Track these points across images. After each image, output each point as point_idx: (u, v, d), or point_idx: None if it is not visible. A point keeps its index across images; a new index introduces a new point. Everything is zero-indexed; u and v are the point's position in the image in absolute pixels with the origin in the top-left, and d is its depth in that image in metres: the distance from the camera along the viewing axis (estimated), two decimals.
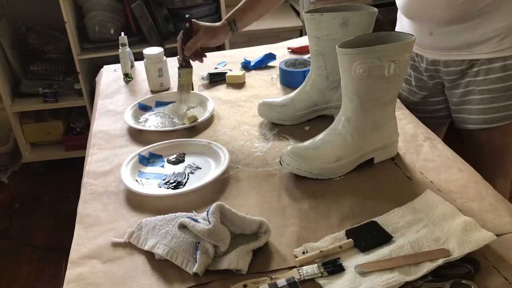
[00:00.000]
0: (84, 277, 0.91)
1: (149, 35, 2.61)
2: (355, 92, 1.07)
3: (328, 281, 0.85)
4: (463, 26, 1.25)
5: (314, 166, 1.10)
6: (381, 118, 1.12)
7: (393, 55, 1.02)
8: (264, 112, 1.36)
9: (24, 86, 2.76)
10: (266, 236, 0.94)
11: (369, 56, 1.01)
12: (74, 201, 1.15)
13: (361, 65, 1.02)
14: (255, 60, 1.72)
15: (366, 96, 1.07)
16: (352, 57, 1.02)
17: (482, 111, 1.32)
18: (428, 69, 1.39)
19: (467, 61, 1.29)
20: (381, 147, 1.15)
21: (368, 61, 1.02)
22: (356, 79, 1.04)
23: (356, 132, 1.11)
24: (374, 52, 1.01)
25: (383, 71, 1.03)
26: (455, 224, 0.92)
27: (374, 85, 1.06)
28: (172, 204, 1.08)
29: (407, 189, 1.07)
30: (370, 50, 1.01)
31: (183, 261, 0.90)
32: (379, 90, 1.07)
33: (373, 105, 1.09)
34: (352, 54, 1.02)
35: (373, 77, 1.04)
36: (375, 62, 1.02)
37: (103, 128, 1.42)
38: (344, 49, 1.04)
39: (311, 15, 1.23)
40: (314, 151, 1.11)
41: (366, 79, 1.04)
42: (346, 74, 1.06)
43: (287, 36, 2.64)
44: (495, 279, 0.83)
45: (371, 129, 1.12)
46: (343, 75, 1.07)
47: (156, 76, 1.59)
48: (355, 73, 1.03)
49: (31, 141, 2.88)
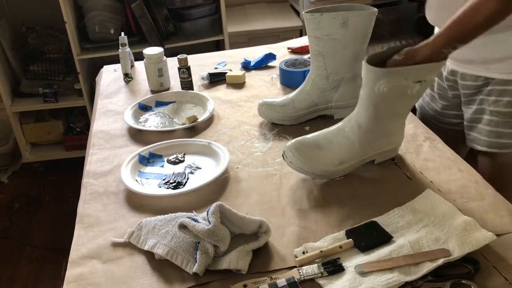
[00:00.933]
0: (84, 277, 0.91)
1: (149, 35, 2.61)
2: (373, 103, 1.05)
3: (328, 281, 0.85)
4: (482, 40, 1.16)
5: (317, 167, 1.09)
6: (393, 127, 1.11)
7: (421, 76, 0.99)
8: (264, 112, 1.36)
9: (24, 86, 2.76)
10: (266, 236, 0.94)
11: (395, 77, 0.99)
12: (74, 201, 1.15)
13: (386, 84, 0.99)
14: (255, 60, 1.72)
15: (383, 108, 1.05)
16: (379, 76, 1.00)
17: (488, 133, 1.25)
18: (448, 78, 1.34)
19: (482, 77, 1.23)
20: (385, 151, 1.15)
21: (394, 81, 0.99)
22: (378, 94, 1.02)
23: (365, 139, 1.09)
24: (402, 73, 0.99)
25: (407, 90, 1.00)
26: (455, 224, 0.92)
27: (393, 101, 1.04)
28: (172, 204, 1.08)
29: (407, 189, 1.07)
30: (397, 72, 0.98)
31: (183, 261, 0.90)
32: (398, 105, 1.06)
33: (388, 116, 1.07)
34: (379, 73, 0.99)
35: (395, 94, 1.02)
36: (400, 81, 0.99)
37: (103, 128, 1.42)
38: (371, 67, 1.00)
39: (311, 15, 1.23)
40: (318, 151, 1.10)
41: (388, 94, 1.01)
42: (368, 88, 1.03)
43: (287, 36, 2.64)
44: (495, 279, 0.83)
45: (380, 137, 1.11)
46: (365, 87, 1.04)
47: (156, 76, 1.59)
48: (378, 89, 1.01)
49: (31, 141, 2.88)
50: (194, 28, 2.65)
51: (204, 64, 1.77)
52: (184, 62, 1.56)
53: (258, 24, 2.83)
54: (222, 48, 2.74)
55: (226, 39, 2.69)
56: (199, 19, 2.65)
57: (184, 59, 1.56)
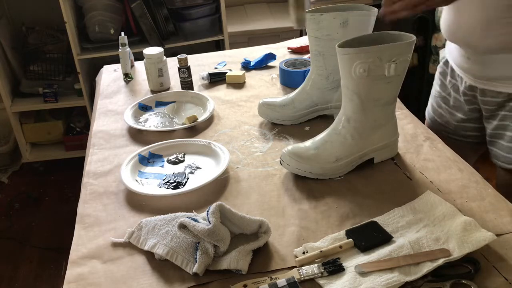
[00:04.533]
0: (84, 277, 0.91)
1: (149, 35, 2.61)
2: (355, 92, 1.07)
3: (328, 281, 0.85)
4: (501, 57, 1.16)
5: (314, 166, 1.10)
6: (381, 117, 1.12)
7: (394, 55, 1.02)
8: (264, 112, 1.36)
9: (24, 86, 2.76)
10: (266, 236, 0.94)
11: (369, 56, 1.01)
12: (74, 201, 1.15)
13: (361, 65, 1.02)
14: (255, 60, 1.72)
15: (366, 96, 1.07)
16: (352, 56, 1.02)
17: (510, 150, 1.23)
18: (466, 93, 1.30)
19: (504, 94, 1.20)
20: (381, 147, 1.15)
21: (369, 61, 1.01)
22: (356, 79, 1.04)
23: (356, 132, 1.10)
24: (374, 51, 1.01)
25: (383, 71, 1.03)
26: (455, 224, 0.92)
27: (374, 85, 1.06)
28: (172, 204, 1.08)
29: (407, 189, 1.07)
30: (370, 50, 1.01)
31: (183, 261, 0.90)
32: (380, 90, 1.07)
33: (373, 105, 1.09)
34: (352, 54, 1.02)
35: (373, 77, 1.04)
36: (375, 62, 1.01)
37: (103, 128, 1.42)
38: (344, 49, 1.03)
39: (311, 15, 1.23)
40: (314, 151, 1.11)
41: (366, 78, 1.04)
42: (346, 74, 1.06)
43: (287, 36, 2.64)
44: (495, 279, 0.83)
45: (371, 129, 1.11)
46: (343, 75, 1.07)
47: (156, 76, 1.59)
48: (355, 73, 1.03)
49: (31, 141, 2.88)
50: (194, 28, 2.65)
51: (204, 64, 1.77)
52: (184, 62, 1.56)
53: (258, 24, 2.83)
54: (222, 48, 2.74)
55: (226, 39, 2.69)
56: (199, 19, 2.65)
57: (184, 59, 1.56)
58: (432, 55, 2.82)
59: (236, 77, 1.62)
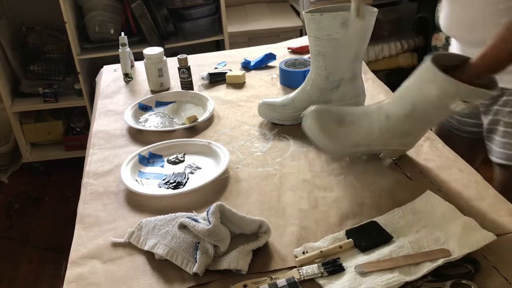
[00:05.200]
0: (84, 277, 0.91)
1: (149, 35, 2.61)
2: (414, 104, 1.01)
3: (328, 281, 0.85)
4: None
5: (330, 141, 1.07)
6: (415, 132, 1.10)
7: (471, 97, 0.96)
8: (264, 112, 1.36)
9: (24, 86, 2.76)
10: (266, 236, 0.94)
11: (450, 87, 0.95)
12: (74, 201, 1.15)
13: (436, 91, 0.96)
14: (255, 60, 1.72)
15: (420, 111, 1.02)
16: (440, 84, 0.96)
17: (503, 145, 1.24)
18: None
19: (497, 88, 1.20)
20: (394, 150, 1.14)
21: (449, 91, 0.96)
22: (422, 96, 0.99)
23: (386, 131, 1.07)
24: (456, 86, 0.95)
25: (452, 104, 0.97)
26: (455, 224, 0.92)
27: (433, 108, 1.01)
28: (172, 204, 1.08)
29: (407, 189, 1.07)
30: (455, 84, 0.95)
31: (183, 261, 0.90)
32: (434, 114, 1.03)
33: (418, 120, 1.05)
34: (441, 81, 0.96)
35: (439, 104, 0.99)
36: (450, 95, 0.96)
37: (103, 128, 1.42)
38: (444, 76, 0.95)
39: (311, 15, 1.23)
40: (337, 126, 1.07)
41: (432, 100, 0.99)
42: (417, 88, 1.01)
43: (287, 36, 2.64)
44: (495, 279, 0.83)
45: (400, 135, 1.09)
46: (415, 85, 1.01)
47: (156, 76, 1.59)
48: (428, 96, 0.98)
49: (31, 141, 2.88)
50: (194, 28, 2.65)
51: (204, 64, 1.77)
52: (184, 62, 1.56)
53: (258, 24, 2.83)
54: (222, 48, 2.74)
55: (226, 39, 2.69)
56: (199, 19, 2.65)
57: (184, 59, 1.56)
58: None
59: (236, 77, 1.62)
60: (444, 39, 2.68)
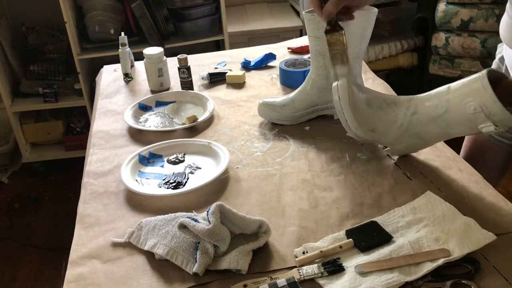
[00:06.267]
0: (84, 277, 0.91)
1: (149, 35, 2.61)
2: (447, 109, 0.98)
3: (328, 281, 0.85)
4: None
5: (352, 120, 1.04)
6: (433, 138, 1.08)
7: (504, 122, 0.93)
8: (264, 112, 1.36)
9: (24, 86, 2.76)
10: (266, 236, 0.94)
11: (494, 112, 0.92)
12: (74, 201, 1.15)
13: (475, 105, 0.93)
14: (255, 60, 1.72)
15: (448, 121, 1.00)
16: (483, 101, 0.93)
17: None
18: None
19: None
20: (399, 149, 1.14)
21: (485, 109, 0.93)
22: (462, 109, 0.96)
23: (407, 127, 1.04)
24: (502, 112, 0.91)
25: (483, 124, 0.95)
26: (455, 224, 0.92)
27: (463, 122, 0.99)
28: (172, 204, 1.08)
29: (407, 189, 1.07)
30: (501, 109, 0.91)
31: (183, 261, 0.90)
32: (459, 128, 1.01)
33: (441, 127, 1.03)
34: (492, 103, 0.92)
35: (472, 119, 0.96)
36: (487, 114, 0.93)
37: (103, 128, 1.42)
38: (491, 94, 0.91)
39: (311, 15, 1.23)
40: (364, 106, 1.04)
41: (469, 116, 0.96)
42: (459, 95, 0.97)
43: (287, 36, 2.64)
44: (495, 279, 0.83)
45: (416, 137, 1.08)
46: (457, 92, 0.98)
47: (156, 76, 1.59)
48: (465, 106, 0.95)
49: (31, 141, 2.88)
50: (194, 28, 2.65)
51: (204, 64, 1.77)
52: (184, 62, 1.56)
53: (258, 24, 2.84)
54: (222, 48, 2.74)
55: (226, 39, 2.69)
56: (199, 19, 2.65)
57: (184, 59, 1.56)
58: (432, 55, 2.82)
59: (236, 77, 1.62)
60: (444, 39, 2.69)
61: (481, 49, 2.65)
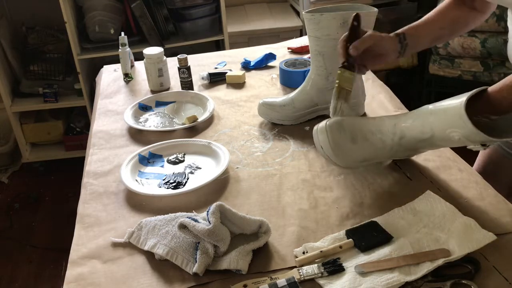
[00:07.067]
0: (84, 277, 0.91)
1: (149, 35, 2.61)
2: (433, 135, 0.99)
3: (328, 281, 0.85)
4: None
5: (341, 158, 1.05)
6: (425, 151, 1.10)
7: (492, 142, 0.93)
8: (264, 112, 1.36)
9: (24, 86, 2.76)
10: (266, 236, 0.94)
11: (476, 137, 0.91)
12: (74, 201, 1.15)
13: (459, 136, 0.93)
14: (255, 60, 1.72)
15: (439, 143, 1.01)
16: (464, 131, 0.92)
17: None
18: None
19: None
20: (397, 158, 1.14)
21: (472, 138, 0.92)
22: (444, 136, 0.97)
23: (398, 149, 1.05)
24: (484, 138, 0.90)
25: (471, 144, 0.95)
26: (455, 224, 0.92)
27: (452, 145, 1.00)
28: (172, 204, 1.08)
29: (407, 189, 1.07)
30: (483, 136, 0.90)
31: (183, 261, 0.90)
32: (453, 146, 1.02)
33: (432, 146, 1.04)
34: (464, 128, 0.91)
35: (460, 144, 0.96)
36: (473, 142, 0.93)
37: (103, 128, 1.42)
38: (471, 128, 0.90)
39: (311, 15, 1.23)
40: (351, 144, 1.04)
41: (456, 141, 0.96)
42: (441, 125, 0.97)
43: (287, 36, 2.64)
44: (495, 279, 0.83)
45: (410, 152, 1.09)
46: (439, 122, 0.97)
47: (156, 76, 1.59)
48: (450, 135, 0.95)
49: (31, 141, 2.88)
50: (194, 28, 2.65)
51: (204, 64, 1.77)
52: (184, 62, 1.56)
53: (258, 24, 2.84)
54: (222, 48, 2.74)
55: (226, 39, 2.69)
56: (199, 19, 2.65)
57: (184, 59, 1.56)
58: (432, 55, 2.82)
59: (236, 77, 1.62)
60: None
61: (481, 49, 2.65)
